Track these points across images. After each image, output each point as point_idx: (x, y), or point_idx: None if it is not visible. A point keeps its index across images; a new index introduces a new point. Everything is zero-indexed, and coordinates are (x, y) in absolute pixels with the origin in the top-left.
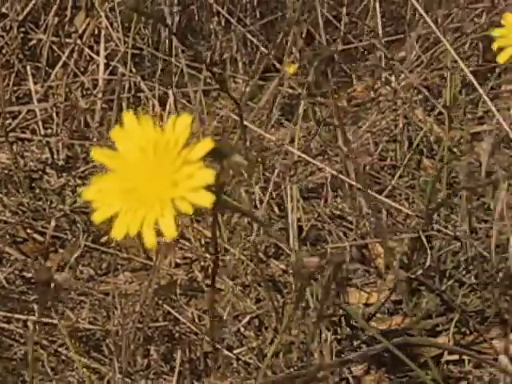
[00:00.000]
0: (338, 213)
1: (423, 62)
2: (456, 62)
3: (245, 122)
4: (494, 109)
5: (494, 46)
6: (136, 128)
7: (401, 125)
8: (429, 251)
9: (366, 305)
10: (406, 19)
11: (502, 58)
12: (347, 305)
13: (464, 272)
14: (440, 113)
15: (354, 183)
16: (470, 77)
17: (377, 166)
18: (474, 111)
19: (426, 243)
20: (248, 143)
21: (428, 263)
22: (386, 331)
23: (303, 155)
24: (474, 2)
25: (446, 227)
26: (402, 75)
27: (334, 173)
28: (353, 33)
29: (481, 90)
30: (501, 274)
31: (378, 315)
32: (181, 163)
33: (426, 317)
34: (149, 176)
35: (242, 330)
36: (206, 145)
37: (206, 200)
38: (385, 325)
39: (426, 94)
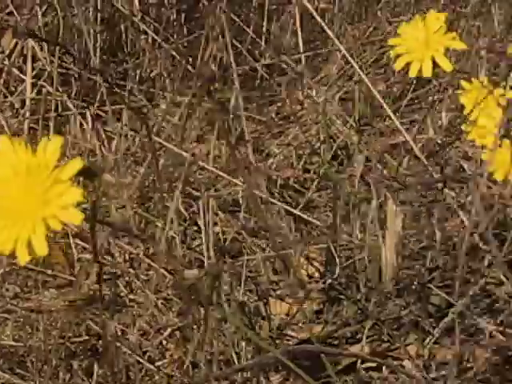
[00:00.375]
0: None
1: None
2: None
3: (160, 140)
4: (397, 122)
5: (391, 55)
6: (10, 151)
7: (322, 137)
8: (337, 260)
9: (288, 315)
10: (334, 32)
11: (397, 66)
12: (269, 315)
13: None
14: (362, 124)
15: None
16: (375, 93)
17: (301, 178)
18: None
19: (334, 253)
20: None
21: (337, 273)
22: (304, 340)
23: (214, 169)
24: (397, 15)
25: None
26: (325, 88)
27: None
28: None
29: (385, 105)
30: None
31: (300, 324)
32: (51, 183)
33: (346, 325)
34: (22, 196)
35: (164, 342)
36: (75, 165)
37: (76, 217)
38: (305, 334)
39: (338, 107)
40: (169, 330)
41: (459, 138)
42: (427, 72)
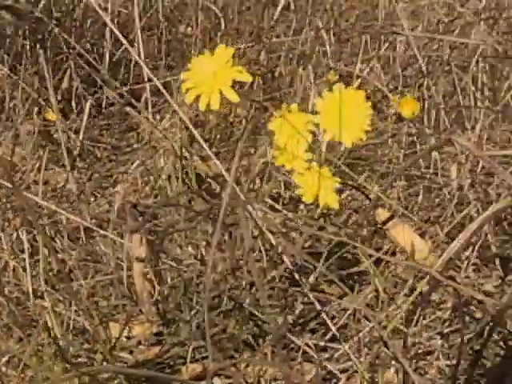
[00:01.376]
0: None
1: None
2: None
3: None
4: (209, 152)
5: (183, 89)
6: None
7: (163, 162)
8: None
9: (128, 338)
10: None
11: (188, 99)
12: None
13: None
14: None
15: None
16: (189, 125)
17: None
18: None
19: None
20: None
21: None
22: (143, 361)
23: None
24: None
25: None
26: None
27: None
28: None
29: (198, 136)
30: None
31: (140, 347)
32: None
33: (183, 345)
34: None
35: (4, 369)
36: None
37: None
38: (143, 355)
39: (185, 133)
40: (7, 356)
41: None
42: (215, 105)
